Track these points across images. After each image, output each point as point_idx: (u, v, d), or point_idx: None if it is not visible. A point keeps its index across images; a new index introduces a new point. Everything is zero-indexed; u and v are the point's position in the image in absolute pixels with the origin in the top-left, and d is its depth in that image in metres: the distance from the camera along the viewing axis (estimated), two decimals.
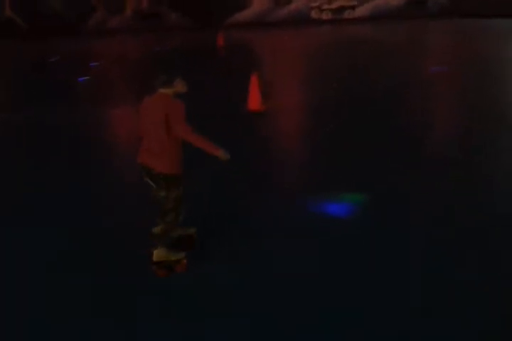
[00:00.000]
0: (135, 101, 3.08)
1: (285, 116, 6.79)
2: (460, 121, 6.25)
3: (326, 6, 27.53)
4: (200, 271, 3.01)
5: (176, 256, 2.98)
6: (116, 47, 19.06)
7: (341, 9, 27.60)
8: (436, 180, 4.28)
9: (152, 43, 19.72)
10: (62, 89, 10.24)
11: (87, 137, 6.19)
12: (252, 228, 3.54)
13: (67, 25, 26.38)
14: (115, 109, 7.78)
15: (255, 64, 12.36)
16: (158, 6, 26.62)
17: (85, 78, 11.40)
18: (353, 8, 27.60)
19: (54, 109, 8.02)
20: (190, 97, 3.25)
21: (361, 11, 27.73)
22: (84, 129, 6.59)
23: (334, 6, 27.51)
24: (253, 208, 3.86)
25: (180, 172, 2.87)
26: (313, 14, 27.67)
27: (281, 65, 12.65)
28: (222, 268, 3.04)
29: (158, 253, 2.94)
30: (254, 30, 24.11)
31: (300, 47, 16.02)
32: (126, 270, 3.04)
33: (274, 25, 26.49)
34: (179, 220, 3.00)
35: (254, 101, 6.89)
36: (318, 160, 4.94)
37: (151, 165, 2.80)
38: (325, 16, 27.72)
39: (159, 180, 2.81)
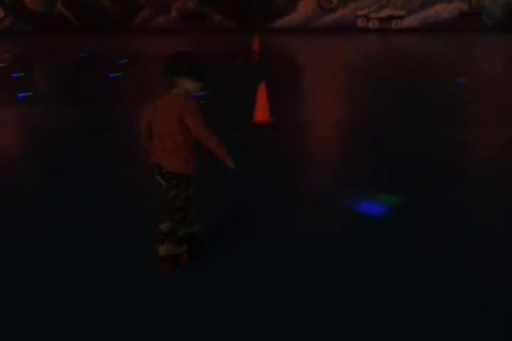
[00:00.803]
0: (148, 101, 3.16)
1: (297, 129, 6.54)
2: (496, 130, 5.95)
3: (373, 15, 26.99)
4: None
5: (181, 250, 3.02)
6: (155, 46, 19.30)
7: (389, 19, 26.97)
8: (473, 190, 4.21)
9: (190, 43, 19.86)
10: (91, 85, 10.44)
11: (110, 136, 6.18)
12: (274, 228, 3.52)
13: (115, 22, 27.05)
14: (131, 109, 7.77)
15: (285, 71, 12.15)
16: (203, 6, 26.86)
17: (116, 75, 11.62)
18: (401, 18, 26.91)
19: (84, 107, 8.15)
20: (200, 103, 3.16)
21: (410, 22, 27.00)
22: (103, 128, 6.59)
23: (382, 15, 26.93)
24: (275, 210, 3.85)
25: (190, 172, 2.88)
26: (360, 23, 27.18)
27: (315, 73, 12.39)
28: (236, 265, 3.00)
29: (164, 249, 2.96)
30: (297, 36, 23.90)
31: (341, 56, 15.69)
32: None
33: (318, 31, 26.19)
34: (188, 220, 3.04)
35: (261, 112, 6.68)
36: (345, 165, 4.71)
37: (163, 164, 2.80)
38: (372, 25, 27.17)
39: (170, 178, 2.81)
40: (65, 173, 4.81)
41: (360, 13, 26.93)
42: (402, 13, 26.83)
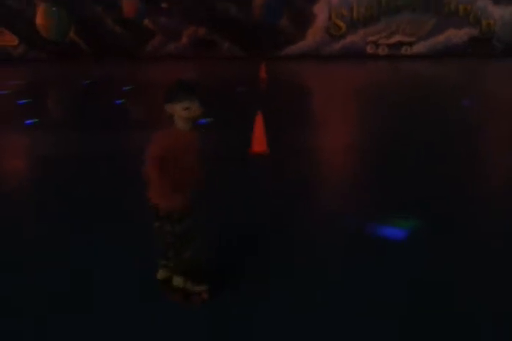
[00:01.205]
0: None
1: (298, 157, 6.27)
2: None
3: (382, 41, 26.97)
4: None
5: (194, 288, 2.88)
6: (162, 73, 19.36)
7: (399, 45, 26.93)
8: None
9: (197, 70, 19.92)
10: (98, 110, 10.51)
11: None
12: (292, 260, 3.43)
13: (126, 49, 27.41)
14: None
15: (292, 98, 11.96)
16: (213, 34, 27.13)
17: (122, 101, 11.65)
18: (410, 44, 26.85)
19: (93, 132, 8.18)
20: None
21: (419, 48, 26.92)
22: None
23: (391, 41, 26.90)
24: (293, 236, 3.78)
25: (180, 208, 2.72)
26: (369, 49, 27.17)
27: (322, 100, 12.21)
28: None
29: (175, 280, 2.89)
30: (306, 63, 23.91)
31: (350, 83, 15.51)
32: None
33: (327, 58, 26.21)
34: (185, 258, 2.83)
35: (258, 142, 6.43)
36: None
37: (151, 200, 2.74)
38: (381, 51, 27.13)
39: (157, 212, 2.73)
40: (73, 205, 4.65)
41: (369, 39, 26.94)
42: (411, 39, 26.79)
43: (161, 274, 2.99)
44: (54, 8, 25.90)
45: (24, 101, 11.97)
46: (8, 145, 7.44)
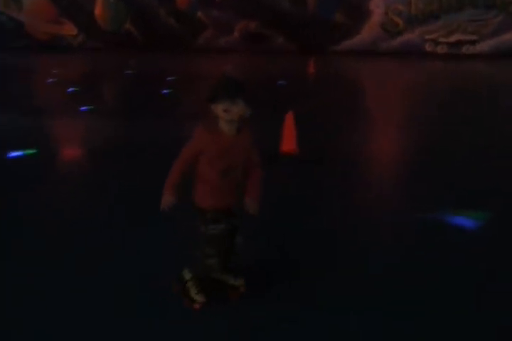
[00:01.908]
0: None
1: (331, 162, 5.92)
2: None
3: (442, 39, 25.75)
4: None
5: (192, 295, 2.78)
6: (211, 66, 19.30)
7: (459, 43, 25.61)
8: None
9: (244, 65, 19.71)
10: (148, 99, 10.70)
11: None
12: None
13: (179, 41, 27.65)
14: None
15: (337, 96, 11.51)
16: (265, 28, 26.85)
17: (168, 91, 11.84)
18: (472, 42, 25.46)
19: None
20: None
21: (482, 47, 25.48)
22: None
23: (452, 39, 25.63)
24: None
25: (205, 207, 2.62)
26: (428, 47, 26.02)
27: (368, 98, 11.68)
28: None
29: (185, 272, 2.84)
30: (360, 60, 23.20)
31: (402, 82, 14.81)
32: None
33: (382, 55, 25.31)
34: (209, 264, 2.70)
35: (288, 141, 6.12)
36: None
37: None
38: (440, 50, 25.92)
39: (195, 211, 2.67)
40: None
41: (428, 37, 25.78)
42: (473, 37, 25.40)
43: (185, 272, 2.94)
44: (112, 0, 26.48)
45: (74, 89, 12.24)
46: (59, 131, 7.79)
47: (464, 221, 3.97)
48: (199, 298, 2.75)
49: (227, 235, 2.66)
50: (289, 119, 6.15)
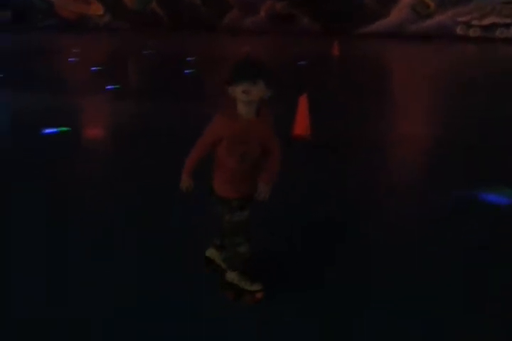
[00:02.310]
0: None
1: (341, 146, 5.80)
2: None
3: (475, 22, 24.82)
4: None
5: (249, 286, 2.69)
6: (236, 46, 19.09)
7: (493, 27, 24.65)
8: None
9: (269, 46, 19.43)
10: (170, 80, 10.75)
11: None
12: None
13: (204, 21, 27.41)
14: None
15: (360, 79, 11.26)
16: (292, 8, 26.35)
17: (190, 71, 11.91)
18: (507, 26, 24.47)
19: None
20: None
21: None
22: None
23: (485, 22, 24.68)
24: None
25: (230, 196, 2.57)
26: (459, 30, 25.14)
27: (392, 83, 11.39)
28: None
29: (228, 275, 2.76)
30: (388, 42, 22.60)
31: (431, 66, 14.33)
32: None
33: (411, 38, 24.58)
34: (241, 252, 2.66)
35: (300, 125, 6.00)
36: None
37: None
38: (472, 33, 25.01)
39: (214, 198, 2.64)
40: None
41: (460, 19, 24.89)
42: (508, 21, 24.39)
43: (210, 252, 2.95)
44: None
45: (99, 68, 12.31)
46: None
47: (497, 198, 4.00)
48: (257, 287, 2.68)
49: (248, 222, 2.64)
50: (303, 102, 6.02)
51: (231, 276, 2.73)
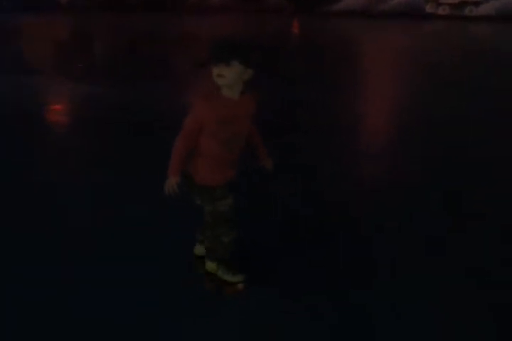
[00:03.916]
0: None
1: None
2: None
3: (444, 0, 24.45)
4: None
5: (230, 277, 2.62)
6: (199, 26, 18.47)
7: (462, 5, 24.32)
8: None
9: (228, 24, 18.83)
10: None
11: None
12: None
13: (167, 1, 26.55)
14: None
15: (312, 61, 10.86)
16: None
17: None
18: (476, 4, 24.17)
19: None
20: None
21: (486, 9, 24.17)
22: None
23: (454, 0, 24.33)
24: None
25: (214, 185, 2.44)
26: (429, 8, 24.77)
27: (342, 60, 11.00)
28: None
29: (208, 265, 2.67)
30: (354, 21, 22.18)
31: (396, 46, 13.91)
32: None
33: (379, 17, 24.13)
34: (225, 242, 2.56)
35: None
36: None
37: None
38: (441, 11, 24.66)
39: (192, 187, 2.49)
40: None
41: None
42: None
43: (198, 249, 2.83)
44: None
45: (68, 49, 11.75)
46: None
47: None
48: (239, 278, 2.61)
49: (232, 211, 2.52)
50: None
51: (211, 266, 2.65)
